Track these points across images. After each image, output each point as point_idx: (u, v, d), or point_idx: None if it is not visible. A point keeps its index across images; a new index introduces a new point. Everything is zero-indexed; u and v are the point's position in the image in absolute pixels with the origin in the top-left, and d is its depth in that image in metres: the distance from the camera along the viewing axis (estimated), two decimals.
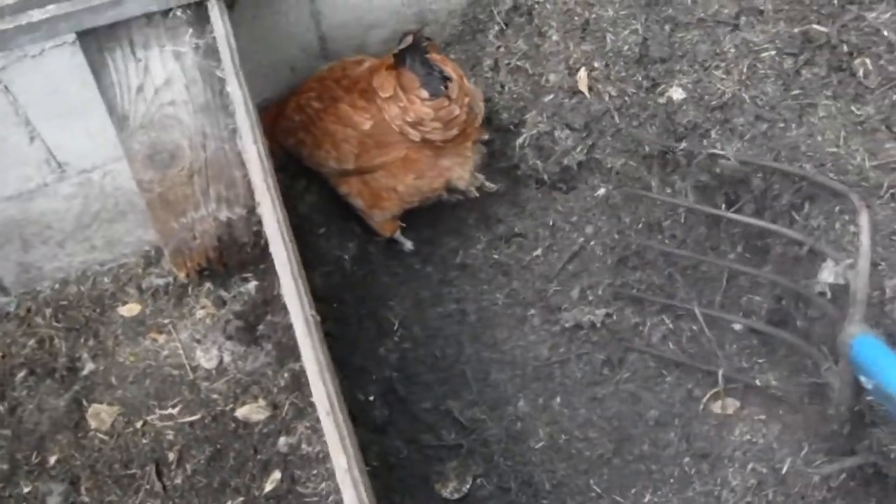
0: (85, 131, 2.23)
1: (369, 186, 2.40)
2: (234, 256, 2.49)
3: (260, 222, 2.38)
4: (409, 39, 2.17)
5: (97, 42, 1.75)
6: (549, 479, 2.02)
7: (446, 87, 2.21)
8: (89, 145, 2.27)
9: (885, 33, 2.08)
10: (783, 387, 2.03)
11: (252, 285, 2.53)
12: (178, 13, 1.66)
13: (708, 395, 2.07)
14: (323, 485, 2.20)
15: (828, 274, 1.91)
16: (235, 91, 1.52)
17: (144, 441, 2.26)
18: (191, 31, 1.71)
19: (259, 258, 2.54)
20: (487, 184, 2.48)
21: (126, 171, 2.33)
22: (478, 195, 2.48)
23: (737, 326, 2.14)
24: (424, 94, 2.21)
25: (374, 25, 2.48)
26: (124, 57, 1.81)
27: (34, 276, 2.48)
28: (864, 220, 1.83)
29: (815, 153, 2.03)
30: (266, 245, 2.45)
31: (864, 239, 1.82)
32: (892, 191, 1.93)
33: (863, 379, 1.71)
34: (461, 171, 2.39)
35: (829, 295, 1.89)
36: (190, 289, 2.52)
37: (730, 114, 2.15)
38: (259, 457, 2.23)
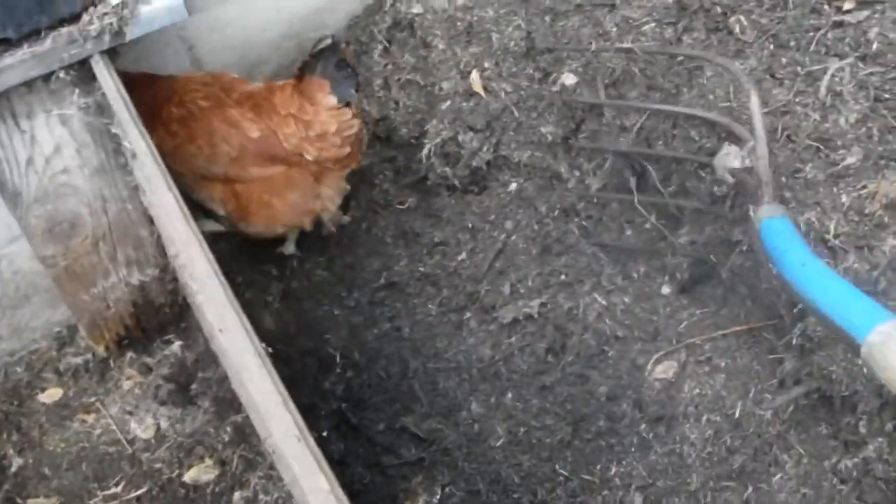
0: None
1: (238, 197, 2.36)
2: (153, 320, 2.41)
3: (175, 280, 2.32)
4: (328, 41, 2.15)
5: None
6: (516, 473, 2.03)
7: (357, 90, 2.22)
8: None
9: None
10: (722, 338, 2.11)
11: (176, 346, 2.46)
12: (62, 75, 1.60)
13: (651, 361, 2.12)
14: None
15: (732, 159, 1.96)
16: (138, 142, 1.47)
17: None
18: (77, 91, 1.64)
19: (179, 317, 2.47)
20: (345, 218, 2.54)
21: (23, 253, 2.24)
22: (333, 230, 2.51)
23: (665, 290, 2.20)
24: (332, 100, 2.21)
25: (257, 63, 2.47)
26: (8, 130, 1.73)
27: None
28: (754, 103, 1.89)
29: (710, 111, 2.11)
30: (185, 303, 2.41)
31: (757, 123, 1.89)
32: (786, 132, 2.04)
33: (767, 257, 1.75)
34: (331, 203, 2.42)
35: (731, 180, 1.97)
36: (112, 361, 2.44)
37: (623, 89, 2.21)
38: None
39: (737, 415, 1.99)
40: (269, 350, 1.36)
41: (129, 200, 2.05)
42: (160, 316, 2.42)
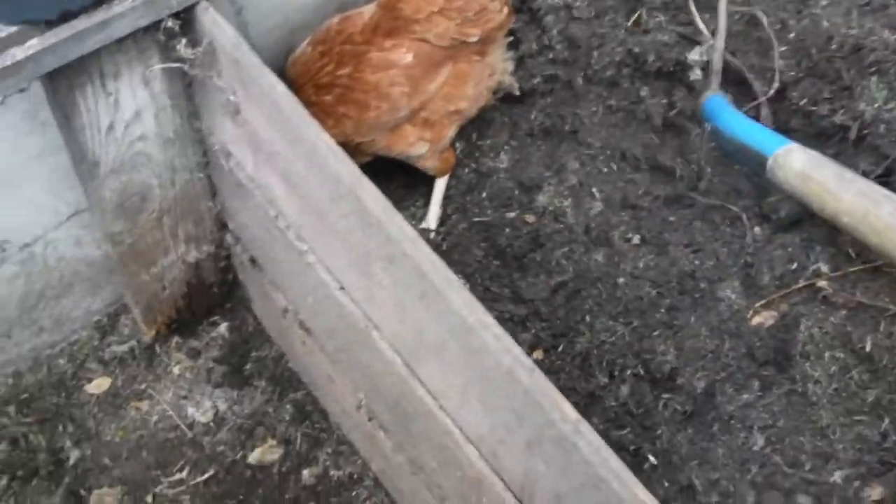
0: (21, 201, 2.02)
1: (430, 122, 2.26)
2: (203, 301, 2.36)
3: (227, 258, 2.27)
4: None
5: (68, 80, 1.59)
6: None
7: None
8: (28, 216, 2.06)
9: None
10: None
11: (223, 327, 2.42)
12: (170, 24, 1.53)
13: (753, 308, 2.10)
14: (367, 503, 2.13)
15: (695, 54, 2.37)
16: (276, 85, 1.42)
17: None
18: (184, 41, 1.58)
19: (225, 298, 2.42)
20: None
21: (68, 239, 2.16)
22: (518, 94, 2.47)
23: (756, 230, 2.22)
24: None
25: (299, 27, 2.38)
26: (94, 92, 1.65)
27: None
28: (722, 5, 2.32)
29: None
30: (233, 282, 2.36)
31: (721, 21, 2.32)
32: None
33: (707, 126, 2.30)
34: (504, 64, 2.35)
35: (698, 72, 2.38)
36: (157, 347, 2.37)
37: None
38: (287, 496, 2.14)
39: (867, 348, 1.93)
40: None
41: (197, 170, 1.99)
42: (210, 297, 2.35)
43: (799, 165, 1.88)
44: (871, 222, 1.69)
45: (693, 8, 2.46)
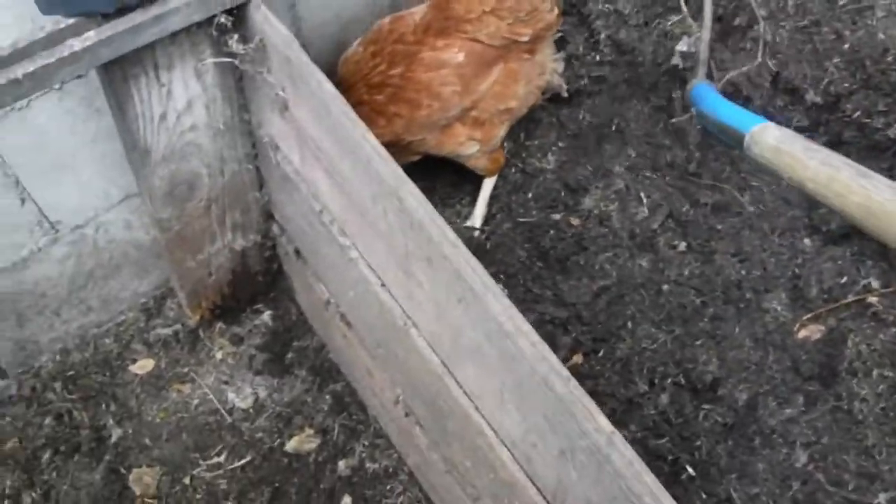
0: (76, 183, 2.07)
1: (480, 122, 2.25)
2: (247, 289, 2.38)
3: (273, 248, 2.30)
4: None
5: (123, 71, 1.62)
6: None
7: None
8: (81, 198, 2.11)
9: None
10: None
11: (266, 315, 2.44)
12: (222, 19, 1.55)
13: (799, 322, 2.07)
14: (402, 498, 2.13)
15: (682, 45, 2.42)
16: (325, 84, 1.43)
17: (198, 496, 2.15)
18: (236, 37, 1.60)
19: (269, 287, 2.44)
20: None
21: (118, 221, 2.21)
22: (566, 95, 2.46)
23: (806, 241, 2.19)
24: None
25: (351, 21, 2.39)
26: (148, 83, 1.67)
27: (31, 351, 2.29)
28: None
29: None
30: (278, 271, 2.38)
31: (707, 12, 2.36)
32: None
33: (693, 110, 2.32)
34: (553, 64, 2.33)
35: (682, 62, 2.42)
36: (201, 332, 2.40)
37: None
38: (322, 486, 2.15)
39: None
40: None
41: (245, 161, 2.01)
42: (254, 285, 2.38)
43: (772, 141, 1.97)
44: (833, 187, 1.81)
45: (682, 1, 2.50)
